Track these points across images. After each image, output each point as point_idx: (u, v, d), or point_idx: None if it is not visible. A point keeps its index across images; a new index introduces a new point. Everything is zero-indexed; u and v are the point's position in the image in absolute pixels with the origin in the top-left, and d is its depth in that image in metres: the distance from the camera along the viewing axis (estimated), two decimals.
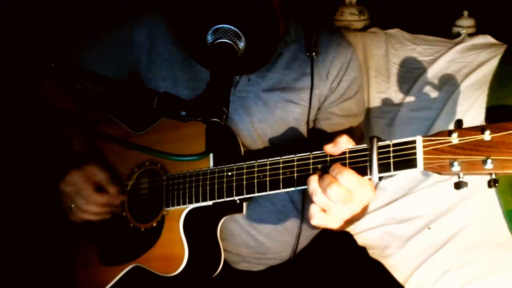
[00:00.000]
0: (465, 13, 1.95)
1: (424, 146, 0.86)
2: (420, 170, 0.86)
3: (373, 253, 1.51)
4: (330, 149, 0.94)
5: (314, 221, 0.92)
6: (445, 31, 1.94)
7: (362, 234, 1.61)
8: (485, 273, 1.45)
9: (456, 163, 0.83)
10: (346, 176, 0.88)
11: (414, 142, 0.87)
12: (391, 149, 0.89)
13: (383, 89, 1.77)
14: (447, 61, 1.75)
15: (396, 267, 1.49)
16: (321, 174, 0.92)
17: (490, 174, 0.82)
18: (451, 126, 0.87)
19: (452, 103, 1.63)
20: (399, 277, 1.42)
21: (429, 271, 1.50)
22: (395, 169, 0.88)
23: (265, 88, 1.25)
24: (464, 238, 1.53)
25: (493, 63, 1.67)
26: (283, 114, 1.25)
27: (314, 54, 1.23)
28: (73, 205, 1.20)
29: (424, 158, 0.86)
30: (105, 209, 1.22)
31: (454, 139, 0.84)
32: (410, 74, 1.78)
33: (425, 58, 1.79)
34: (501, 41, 1.77)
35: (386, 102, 1.76)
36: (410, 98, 1.72)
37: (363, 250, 1.48)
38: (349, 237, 1.52)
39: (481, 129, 0.83)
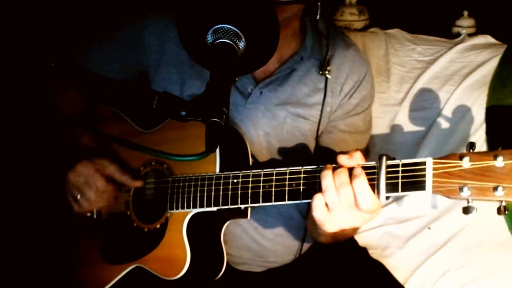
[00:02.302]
0: (465, 13, 1.94)
1: (434, 169, 0.84)
2: (429, 193, 0.85)
3: (373, 253, 1.51)
4: (345, 160, 0.93)
5: (315, 213, 0.93)
6: (445, 31, 1.93)
7: (362, 234, 1.61)
8: (485, 273, 1.44)
9: (466, 188, 0.81)
10: (359, 182, 0.88)
11: (424, 163, 0.86)
12: (400, 169, 0.88)
13: (383, 89, 1.77)
14: (447, 61, 1.75)
15: (396, 267, 1.49)
16: (334, 168, 0.91)
17: (501, 201, 0.80)
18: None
19: (452, 103, 1.63)
20: (399, 277, 1.42)
21: (429, 271, 1.50)
22: (403, 190, 0.87)
23: (276, 103, 1.25)
24: (464, 238, 1.53)
25: (493, 63, 1.67)
26: (292, 129, 1.25)
27: (327, 72, 1.23)
28: (79, 196, 1.20)
29: (434, 181, 0.84)
30: (113, 202, 1.22)
31: (466, 163, 0.82)
32: (410, 74, 1.77)
33: (425, 58, 1.79)
34: (501, 41, 1.77)
35: (386, 102, 1.75)
36: (410, 98, 1.72)
37: (363, 250, 1.48)
38: (350, 238, 1.52)
39: (494, 155, 0.80)
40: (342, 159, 0.93)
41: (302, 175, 0.99)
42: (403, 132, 1.68)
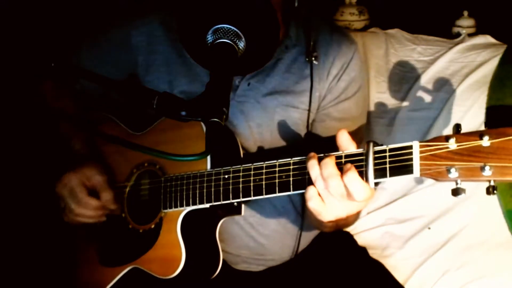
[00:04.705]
0: (465, 13, 1.95)
1: (421, 152, 0.85)
2: (416, 176, 0.85)
3: (373, 253, 1.50)
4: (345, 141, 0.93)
5: (310, 204, 0.93)
6: (445, 31, 1.93)
7: (362, 234, 1.61)
8: (485, 273, 1.44)
9: (453, 170, 0.81)
10: (350, 176, 0.88)
11: (410, 147, 0.86)
12: (387, 154, 0.88)
13: (383, 89, 1.77)
14: (447, 61, 1.75)
15: (396, 267, 1.49)
16: (319, 158, 0.91)
17: (489, 181, 0.80)
18: (451, 127, 0.86)
19: (452, 103, 1.63)
20: (399, 277, 1.42)
21: (429, 271, 1.50)
22: (391, 175, 0.87)
23: (264, 93, 1.24)
24: (464, 238, 1.53)
25: (493, 63, 1.67)
26: (282, 119, 1.25)
27: (313, 58, 1.22)
28: (65, 207, 1.20)
29: (421, 164, 0.84)
30: (99, 212, 1.22)
31: (452, 144, 0.82)
32: (410, 74, 1.77)
33: (425, 58, 1.79)
34: (501, 41, 1.77)
35: (386, 102, 1.75)
36: (410, 98, 1.72)
37: (363, 250, 1.48)
38: (349, 238, 1.52)
39: (479, 135, 0.80)
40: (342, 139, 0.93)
41: (291, 167, 0.99)
42: (403, 132, 1.68)
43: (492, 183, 0.80)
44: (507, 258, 1.47)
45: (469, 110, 1.60)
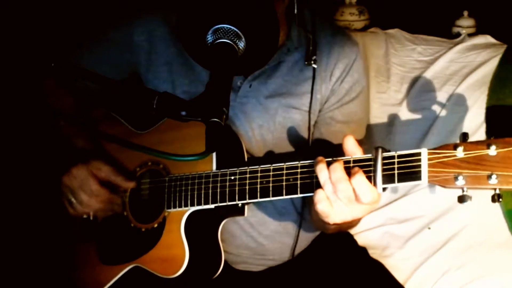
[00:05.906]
0: (465, 13, 1.95)
1: (429, 159, 0.86)
2: (424, 183, 0.86)
3: (373, 253, 1.51)
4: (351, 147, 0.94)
5: (319, 206, 0.94)
6: (445, 31, 1.94)
7: (362, 234, 1.61)
8: (485, 273, 1.44)
9: (460, 177, 0.83)
10: (358, 179, 0.89)
11: (419, 154, 0.87)
12: (395, 160, 0.89)
13: (383, 89, 1.77)
14: (447, 61, 1.75)
15: (396, 267, 1.49)
16: (327, 162, 0.92)
17: (494, 189, 0.83)
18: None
19: (452, 103, 1.63)
20: (399, 277, 1.42)
21: (429, 271, 1.50)
22: (399, 181, 0.89)
23: (266, 95, 1.24)
24: (464, 238, 1.53)
25: (493, 63, 1.67)
26: (284, 120, 1.25)
27: (312, 62, 1.23)
28: (73, 199, 1.20)
29: (429, 171, 0.86)
30: (107, 205, 1.22)
31: (459, 152, 0.84)
32: (410, 74, 1.78)
33: (425, 58, 1.79)
34: (501, 41, 1.77)
35: (386, 102, 1.76)
36: (410, 98, 1.72)
37: (363, 250, 1.48)
38: (349, 237, 1.52)
39: (487, 144, 0.82)
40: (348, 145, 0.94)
41: (299, 170, 1.00)
42: (403, 132, 1.69)
43: (497, 191, 0.83)
44: (507, 258, 1.47)
45: (469, 110, 1.60)
